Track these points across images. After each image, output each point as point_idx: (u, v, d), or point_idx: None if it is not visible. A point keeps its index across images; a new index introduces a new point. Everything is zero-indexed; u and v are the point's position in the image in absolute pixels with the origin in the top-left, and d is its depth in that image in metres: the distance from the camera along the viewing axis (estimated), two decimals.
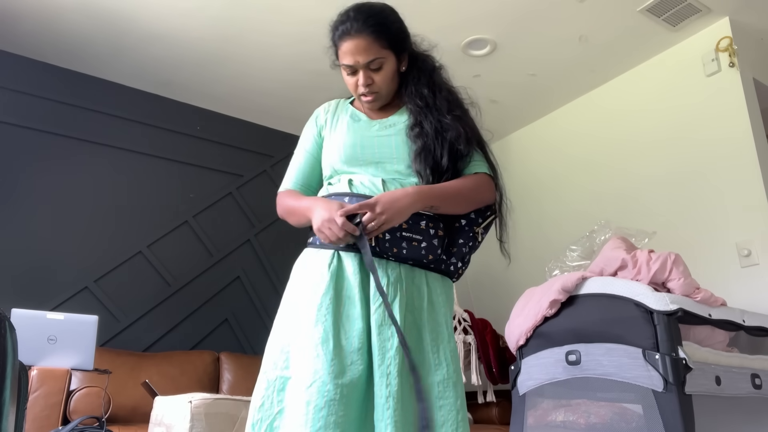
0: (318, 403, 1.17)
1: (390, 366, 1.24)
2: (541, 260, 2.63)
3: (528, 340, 2.31)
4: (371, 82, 1.43)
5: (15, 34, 3.19)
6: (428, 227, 1.35)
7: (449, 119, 1.42)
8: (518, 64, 3.47)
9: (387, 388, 1.22)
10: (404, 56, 1.48)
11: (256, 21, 3.11)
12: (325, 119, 1.55)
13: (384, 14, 1.45)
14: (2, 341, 0.86)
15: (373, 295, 1.30)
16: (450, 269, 1.41)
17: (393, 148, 1.42)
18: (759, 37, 3.25)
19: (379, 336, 1.27)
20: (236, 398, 2.14)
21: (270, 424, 1.25)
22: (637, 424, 1.94)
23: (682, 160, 3.16)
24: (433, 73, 1.49)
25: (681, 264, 2.09)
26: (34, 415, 2.17)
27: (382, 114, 1.50)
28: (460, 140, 1.41)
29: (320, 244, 1.38)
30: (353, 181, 1.42)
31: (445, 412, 1.29)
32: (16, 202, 3.18)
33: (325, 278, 1.32)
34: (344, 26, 1.41)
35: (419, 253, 1.34)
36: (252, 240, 3.91)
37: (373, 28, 1.39)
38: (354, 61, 1.41)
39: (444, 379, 1.31)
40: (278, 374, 1.28)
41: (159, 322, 3.43)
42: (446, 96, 1.46)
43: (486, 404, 3.35)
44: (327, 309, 1.28)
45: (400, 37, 1.46)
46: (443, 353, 1.34)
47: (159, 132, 3.74)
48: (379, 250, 1.32)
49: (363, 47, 1.39)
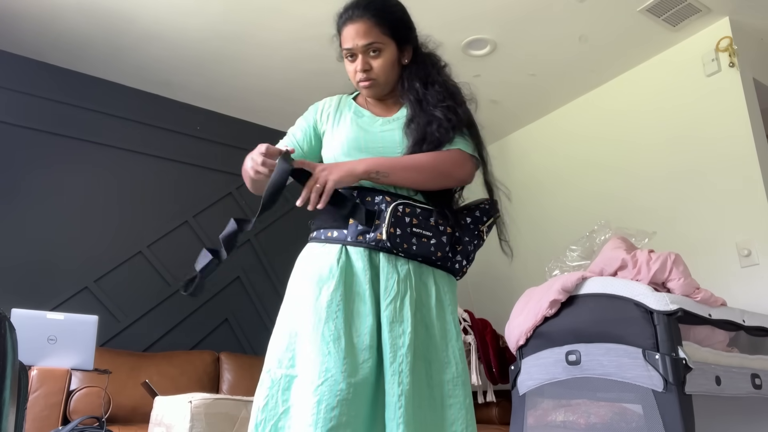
0: (330, 402, 1.14)
1: (402, 364, 1.23)
2: (541, 260, 2.63)
3: (528, 340, 2.31)
4: (369, 68, 1.43)
5: (15, 34, 3.19)
6: (437, 224, 1.35)
7: (438, 111, 1.40)
8: (518, 64, 3.47)
9: (399, 387, 1.21)
10: (407, 48, 1.48)
11: (256, 21, 3.11)
12: (327, 114, 1.53)
13: (387, 3, 1.47)
14: (2, 341, 0.86)
15: (383, 291, 1.29)
16: (455, 267, 1.40)
17: (397, 144, 1.41)
18: (759, 37, 3.25)
19: (391, 333, 1.25)
20: (236, 398, 2.14)
21: (275, 424, 1.22)
22: (637, 424, 1.94)
23: (682, 159, 3.16)
24: (430, 68, 1.49)
25: (681, 264, 2.09)
26: (34, 415, 2.17)
27: (386, 111, 1.50)
28: (440, 128, 1.39)
29: (325, 239, 1.37)
30: None
31: (455, 411, 1.28)
32: (16, 202, 3.18)
33: (335, 274, 1.30)
34: (347, 13, 1.44)
35: (429, 249, 1.33)
36: (252, 240, 3.91)
37: (373, 12, 1.41)
38: (353, 44, 1.42)
39: (453, 378, 1.31)
40: (283, 372, 1.26)
41: (159, 322, 3.43)
42: (438, 90, 1.44)
43: (486, 404, 3.35)
44: (338, 306, 1.26)
45: (401, 26, 1.46)
46: (452, 351, 1.34)
47: (159, 132, 3.74)
48: (391, 245, 1.30)
49: (363, 31, 1.41)
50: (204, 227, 3.74)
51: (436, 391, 1.29)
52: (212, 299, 3.64)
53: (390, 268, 1.31)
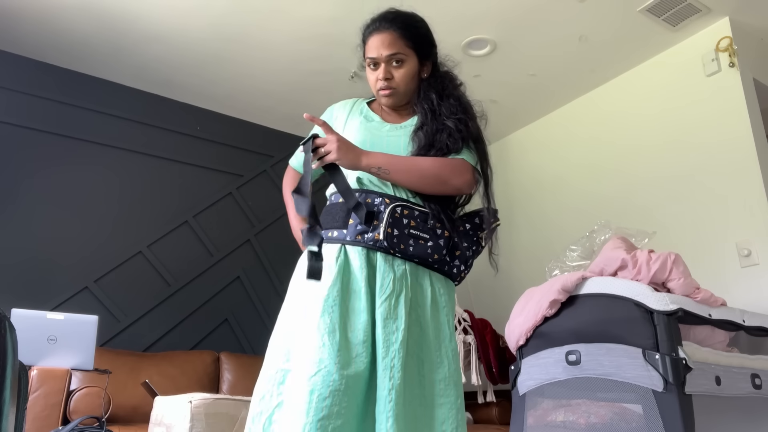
0: (322, 392, 1.17)
1: (393, 359, 1.26)
2: (541, 260, 2.63)
3: (528, 340, 2.31)
4: (390, 77, 1.49)
5: (15, 34, 3.19)
6: (435, 227, 1.39)
7: (450, 122, 1.45)
8: (518, 64, 3.47)
9: (390, 381, 1.24)
10: (427, 63, 1.54)
11: (256, 21, 3.11)
12: (338, 117, 1.58)
13: (414, 19, 1.54)
14: (2, 341, 0.86)
15: (379, 288, 1.32)
16: (453, 272, 1.44)
17: (402, 149, 1.46)
18: (759, 37, 3.25)
19: (384, 329, 1.29)
20: (236, 398, 2.14)
21: (269, 417, 1.25)
22: (637, 424, 1.94)
23: (682, 159, 3.16)
24: (447, 83, 1.54)
25: (681, 264, 2.09)
26: (34, 415, 2.17)
27: (396, 119, 1.54)
28: (450, 138, 1.44)
29: (325, 239, 1.40)
30: (362, 179, 1.45)
31: (446, 410, 1.31)
32: (16, 202, 3.18)
33: (333, 271, 1.33)
34: (374, 24, 1.50)
35: (425, 251, 1.37)
36: (252, 240, 3.91)
37: (400, 25, 1.49)
38: (378, 53, 1.48)
39: (446, 377, 1.34)
40: (279, 367, 1.30)
41: (159, 322, 3.43)
42: (452, 103, 1.49)
43: (486, 404, 3.35)
44: (334, 301, 1.29)
45: (425, 41, 1.53)
46: (444, 351, 1.36)
47: (159, 132, 3.74)
48: (387, 245, 1.33)
49: (389, 41, 1.47)
50: (204, 227, 3.75)
51: (427, 389, 1.32)
52: (212, 299, 3.65)
53: (387, 267, 1.35)
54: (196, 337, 3.52)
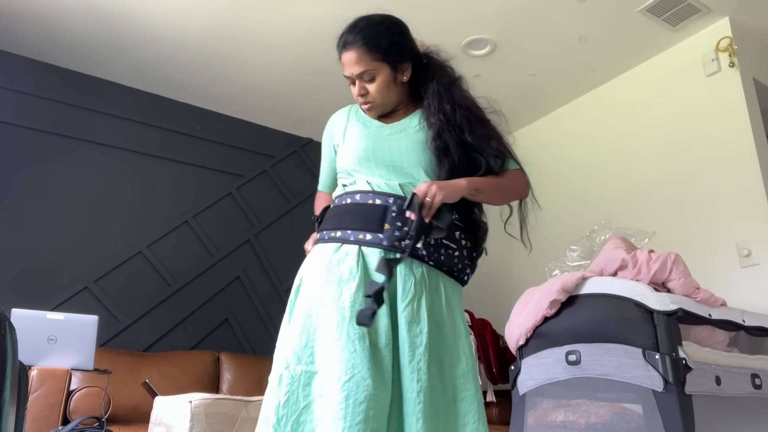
0: (357, 397, 1.20)
1: (420, 362, 1.30)
2: (541, 260, 2.63)
3: (528, 340, 2.31)
4: (365, 92, 1.49)
5: (15, 34, 3.19)
6: (461, 238, 1.45)
7: (471, 138, 1.45)
8: (518, 64, 3.47)
9: (418, 384, 1.28)
10: (403, 66, 1.51)
11: (256, 21, 3.11)
12: (336, 130, 1.59)
13: (379, 27, 1.49)
14: (2, 341, 0.86)
15: (402, 293, 1.35)
16: (464, 278, 1.51)
17: (404, 152, 1.46)
18: (759, 37, 3.25)
19: (409, 333, 1.32)
20: (236, 398, 2.14)
21: (296, 419, 1.26)
22: (637, 424, 1.94)
23: (682, 159, 3.16)
24: (452, 86, 1.52)
25: (681, 264, 2.09)
26: (34, 415, 2.17)
27: (392, 119, 1.54)
28: (496, 159, 1.49)
29: (329, 239, 1.41)
30: (371, 183, 1.45)
31: (467, 404, 1.35)
32: (16, 202, 3.18)
33: (356, 276, 1.33)
34: (341, 40, 1.49)
35: (453, 261, 1.43)
36: (252, 240, 3.91)
37: (363, 41, 1.46)
38: (349, 72, 1.49)
39: (464, 372, 1.38)
40: (303, 369, 1.30)
41: (159, 322, 3.43)
42: (465, 114, 1.48)
43: (486, 404, 3.34)
44: (361, 306, 1.30)
45: (392, 49, 1.48)
46: (462, 347, 1.40)
47: (159, 132, 3.74)
48: (425, 253, 1.38)
49: (354, 60, 1.46)
50: (204, 227, 3.75)
51: (448, 386, 1.36)
52: (212, 299, 3.64)
53: (407, 271, 1.37)
54: (196, 337, 3.52)
